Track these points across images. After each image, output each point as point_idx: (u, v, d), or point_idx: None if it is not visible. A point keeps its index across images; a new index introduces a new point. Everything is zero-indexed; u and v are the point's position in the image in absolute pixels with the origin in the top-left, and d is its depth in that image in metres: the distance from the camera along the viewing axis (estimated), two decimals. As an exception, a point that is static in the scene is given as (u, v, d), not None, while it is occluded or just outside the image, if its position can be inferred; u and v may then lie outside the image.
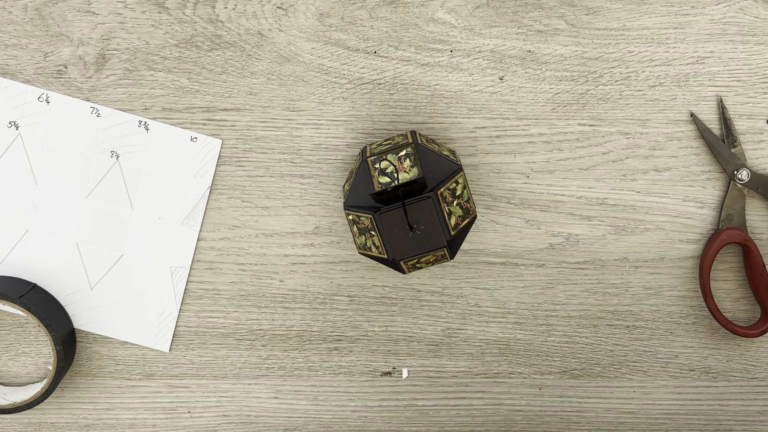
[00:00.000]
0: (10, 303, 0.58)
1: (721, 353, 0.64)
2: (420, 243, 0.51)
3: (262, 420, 0.65)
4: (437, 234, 0.51)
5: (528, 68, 0.59)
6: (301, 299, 0.62)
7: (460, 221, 0.52)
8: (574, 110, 0.60)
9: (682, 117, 0.60)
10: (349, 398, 0.64)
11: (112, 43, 0.58)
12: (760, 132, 0.60)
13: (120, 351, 0.63)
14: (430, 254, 0.51)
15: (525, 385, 0.64)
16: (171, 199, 0.60)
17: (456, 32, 0.58)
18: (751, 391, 0.65)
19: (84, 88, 0.58)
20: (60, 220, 0.60)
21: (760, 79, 0.60)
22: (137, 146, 0.59)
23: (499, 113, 0.60)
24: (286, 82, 0.59)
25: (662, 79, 0.60)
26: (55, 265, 0.61)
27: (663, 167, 0.61)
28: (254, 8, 0.58)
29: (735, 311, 0.63)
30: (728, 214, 0.61)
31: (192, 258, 0.61)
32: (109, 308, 0.62)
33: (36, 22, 0.57)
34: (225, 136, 0.59)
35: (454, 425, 0.65)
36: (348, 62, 0.59)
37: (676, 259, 0.62)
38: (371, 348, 0.63)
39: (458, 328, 0.63)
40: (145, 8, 0.57)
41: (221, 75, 0.59)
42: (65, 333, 0.60)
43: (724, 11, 0.59)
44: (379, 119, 0.60)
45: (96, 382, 0.63)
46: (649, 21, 0.59)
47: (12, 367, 0.63)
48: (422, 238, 0.51)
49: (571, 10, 0.58)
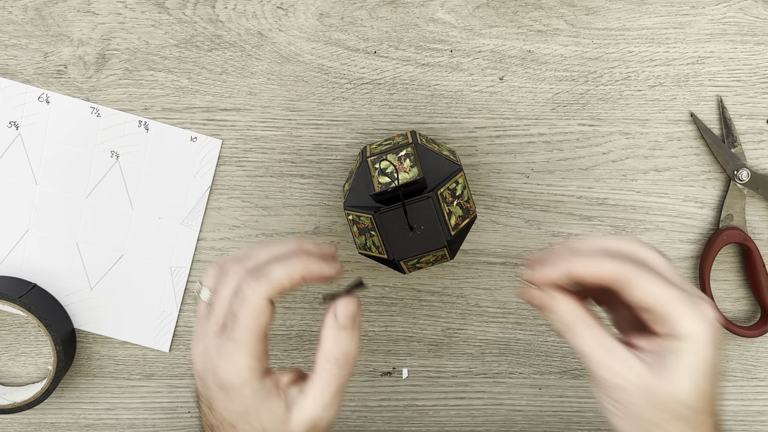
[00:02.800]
0: (10, 303, 0.58)
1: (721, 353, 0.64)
2: (420, 243, 0.51)
3: (262, 420, 0.65)
4: (437, 234, 0.51)
5: (528, 68, 0.59)
6: (301, 299, 0.62)
7: (460, 221, 0.52)
8: (574, 110, 0.60)
9: (682, 117, 0.60)
10: (349, 398, 0.64)
11: (112, 43, 0.58)
12: (760, 132, 0.60)
13: (120, 351, 0.63)
14: (430, 254, 0.51)
15: (525, 385, 0.64)
16: (171, 199, 0.60)
17: (456, 32, 0.58)
18: (751, 391, 0.65)
19: (84, 88, 0.58)
20: (60, 220, 0.60)
21: (760, 79, 0.60)
22: (137, 146, 0.59)
23: (499, 113, 0.60)
24: (286, 82, 0.59)
25: (662, 79, 0.60)
26: (55, 265, 0.61)
27: (663, 167, 0.61)
28: (254, 8, 0.58)
29: (735, 311, 0.63)
30: (728, 214, 0.61)
31: (192, 258, 0.61)
32: (109, 308, 0.62)
33: (36, 22, 0.57)
34: (225, 136, 0.59)
35: (454, 425, 0.65)
36: (348, 62, 0.59)
37: (676, 259, 0.62)
38: (371, 348, 0.63)
39: (458, 328, 0.63)
40: (145, 8, 0.57)
41: (221, 75, 0.59)
42: (65, 333, 0.60)
43: (724, 11, 0.59)
44: (379, 119, 0.60)
45: (96, 382, 0.63)
46: (649, 21, 0.59)
47: (12, 367, 0.63)
48: (422, 238, 0.50)
49: (571, 10, 0.58)
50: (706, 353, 0.42)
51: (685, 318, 0.42)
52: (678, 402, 0.42)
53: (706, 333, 0.42)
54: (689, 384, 0.42)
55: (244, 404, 0.44)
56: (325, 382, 0.45)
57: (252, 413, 0.44)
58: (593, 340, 0.44)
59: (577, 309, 0.44)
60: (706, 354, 0.42)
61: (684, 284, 0.44)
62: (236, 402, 0.44)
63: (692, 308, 0.42)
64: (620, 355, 0.43)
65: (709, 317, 0.42)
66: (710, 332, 0.42)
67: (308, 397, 0.45)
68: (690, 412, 0.42)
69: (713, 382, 0.43)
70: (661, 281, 0.43)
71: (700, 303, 0.42)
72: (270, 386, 0.45)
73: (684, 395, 0.42)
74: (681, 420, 0.43)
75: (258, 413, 0.44)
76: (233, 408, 0.45)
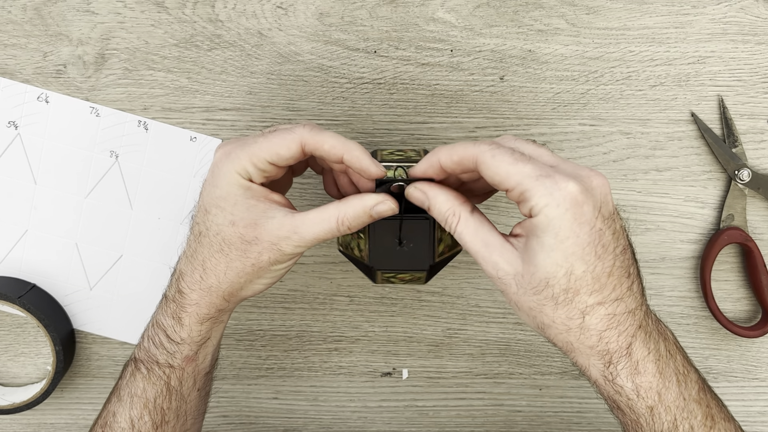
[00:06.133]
0: (10, 303, 0.58)
1: (722, 354, 0.64)
2: (404, 259, 0.50)
3: (262, 420, 0.64)
4: (423, 256, 0.50)
5: (528, 68, 0.59)
6: (301, 299, 0.62)
7: (446, 251, 0.51)
8: (574, 110, 0.60)
9: (683, 117, 0.60)
10: (349, 399, 0.64)
11: (112, 43, 0.58)
12: (761, 132, 0.60)
13: (119, 351, 0.63)
14: (408, 273, 0.51)
15: (525, 385, 0.64)
16: (170, 199, 0.60)
17: (456, 32, 0.58)
18: (752, 392, 0.65)
19: (83, 88, 0.58)
20: (59, 220, 0.60)
21: (761, 79, 0.60)
22: (136, 146, 0.59)
23: (499, 113, 0.60)
24: (286, 81, 0.59)
25: (663, 78, 0.59)
26: (55, 265, 0.61)
27: (664, 167, 0.61)
28: (254, 8, 0.58)
29: (736, 312, 0.63)
30: (729, 214, 0.61)
31: (191, 258, 0.61)
32: (108, 308, 0.62)
33: (35, 21, 0.57)
34: (225, 135, 0.59)
35: (455, 426, 0.65)
36: (348, 62, 0.59)
37: (676, 259, 0.62)
38: (371, 348, 0.63)
39: (458, 328, 0.63)
40: (144, 8, 0.57)
41: (221, 75, 0.58)
42: (64, 333, 0.60)
43: (725, 11, 0.59)
44: (379, 119, 0.59)
45: (95, 382, 0.63)
46: (649, 20, 0.59)
47: (11, 367, 0.63)
48: (407, 255, 0.50)
49: (571, 9, 0.58)
50: (564, 230, 0.40)
51: (537, 194, 0.40)
52: (546, 285, 0.41)
53: (562, 208, 0.40)
54: (551, 266, 0.40)
55: (225, 191, 0.46)
56: (322, 222, 0.46)
57: (229, 202, 0.46)
58: (475, 236, 0.43)
59: (453, 200, 0.44)
60: (564, 231, 0.40)
61: (555, 162, 0.42)
62: (218, 186, 0.46)
63: (544, 183, 0.40)
64: (498, 249, 0.42)
65: (567, 191, 0.40)
66: (568, 207, 0.40)
67: (301, 214, 0.46)
68: (562, 293, 0.41)
69: (587, 259, 0.40)
70: (513, 159, 0.41)
71: (557, 178, 0.40)
72: (260, 192, 0.47)
73: (550, 277, 0.41)
74: (557, 302, 0.41)
75: (235, 204, 0.46)
76: (213, 192, 0.46)
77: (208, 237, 0.47)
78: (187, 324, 0.49)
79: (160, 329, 0.50)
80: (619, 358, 0.42)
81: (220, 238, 0.46)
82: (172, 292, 0.49)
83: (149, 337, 0.50)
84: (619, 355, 0.42)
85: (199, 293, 0.48)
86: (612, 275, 0.41)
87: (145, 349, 0.50)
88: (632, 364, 0.43)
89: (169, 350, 0.49)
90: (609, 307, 0.42)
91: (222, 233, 0.46)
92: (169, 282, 0.50)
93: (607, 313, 0.42)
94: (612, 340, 0.42)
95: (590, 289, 0.41)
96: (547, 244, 0.40)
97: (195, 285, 0.48)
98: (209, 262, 0.47)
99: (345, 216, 0.46)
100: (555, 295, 0.41)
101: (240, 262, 0.47)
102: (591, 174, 0.41)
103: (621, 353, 0.42)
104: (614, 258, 0.41)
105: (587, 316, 0.42)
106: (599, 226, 0.40)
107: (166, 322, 0.49)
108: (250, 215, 0.46)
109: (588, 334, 0.42)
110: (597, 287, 0.41)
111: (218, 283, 0.48)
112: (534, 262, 0.41)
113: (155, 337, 0.50)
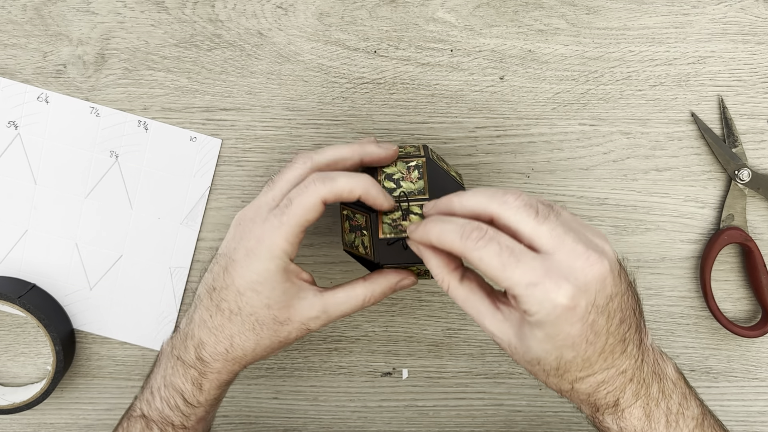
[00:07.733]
0: (10, 303, 0.58)
1: (722, 354, 0.64)
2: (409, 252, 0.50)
3: (262, 420, 0.64)
4: None
5: (528, 68, 0.59)
6: (301, 299, 0.62)
7: None
8: (574, 110, 0.60)
9: (683, 117, 0.60)
10: (349, 398, 0.64)
11: (112, 43, 0.58)
12: (761, 132, 0.60)
13: (119, 351, 0.63)
14: (414, 266, 0.51)
15: (526, 385, 0.64)
16: (170, 199, 0.60)
17: (456, 32, 0.58)
18: (752, 392, 0.65)
19: (83, 88, 0.58)
20: (59, 220, 0.60)
21: (761, 79, 0.60)
22: (136, 146, 0.59)
23: (499, 113, 0.60)
24: (286, 81, 0.59)
25: (663, 78, 0.59)
26: (55, 265, 0.61)
27: (664, 167, 0.61)
28: (254, 8, 0.57)
29: (736, 312, 0.63)
30: (729, 214, 0.61)
31: (192, 258, 0.61)
32: (108, 309, 0.62)
33: (35, 21, 0.57)
34: (224, 135, 0.59)
35: (455, 426, 0.65)
36: (348, 62, 0.59)
37: (676, 259, 0.62)
38: (371, 348, 0.63)
39: (458, 328, 0.63)
40: (144, 8, 0.57)
41: (221, 75, 0.58)
42: (64, 333, 0.60)
43: (725, 11, 0.59)
44: (379, 119, 0.59)
45: (95, 382, 0.63)
46: (649, 20, 0.59)
47: (11, 367, 0.63)
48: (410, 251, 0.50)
49: (571, 9, 0.58)
50: (554, 329, 0.41)
51: (528, 303, 0.41)
52: (538, 363, 0.44)
53: (553, 316, 0.41)
54: (542, 352, 0.43)
55: (264, 276, 0.47)
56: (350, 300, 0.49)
57: (267, 287, 0.47)
58: (465, 304, 0.46)
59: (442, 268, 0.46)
60: (554, 330, 0.41)
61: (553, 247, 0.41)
62: (256, 272, 0.47)
63: (534, 294, 0.41)
64: (489, 318, 0.45)
65: (557, 301, 0.40)
66: (559, 314, 0.41)
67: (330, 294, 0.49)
68: (553, 371, 0.44)
69: (577, 348, 0.42)
70: (500, 263, 0.41)
71: (548, 286, 0.40)
72: (295, 272, 0.48)
73: (541, 359, 0.43)
74: (548, 375, 0.44)
75: (273, 289, 0.47)
76: (249, 276, 0.47)
77: (241, 317, 0.48)
78: (206, 389, 0.50)
79: (177, 392, 0.51)
80: (605, 410, 0.45)
81: (254, 319, 0.48)
82: (190, 357, 0.50)
83: (164, 399, 0.51)
84: (605, 407, 0.45)
85: (222, 363, 0.50)
86: (604, 352, 0.43)
87: (158, 410, 0.51)
88: (618, 412, 0.45)
89: (185, 413, 0.51)
90: (599, 376, 0.44)
91: (256, 314, 0.48)
92: (183, 344, 0.51)
93: (596, 381, 0.44)
94: (600, 397, 0.45)
95: (579, 368, 0.44)
96: (539, 337, 0.42)
97: (219, 356, 0.50)
98: (238, 338, 0.49)
99: (373, 295, 0.49)
100: (546, 371, 0.44)
101: (269, 340, 0.49)
102: (589, 263, 0.41)
103: (608, 406, 0.45)
104: (607, 336, 0.43)
105: (577, 384, 0.45)
106: (592, 318, 0.42)
107: (184, 387, 0.50)
108: (284, 298, 0.48)
109: (577, 394, 0.45)
110: (586, 365, 0.43)
111: (243, 355, 0.50)
112: (526, 344, 0.44)
113: (170, 400, 0.51)
